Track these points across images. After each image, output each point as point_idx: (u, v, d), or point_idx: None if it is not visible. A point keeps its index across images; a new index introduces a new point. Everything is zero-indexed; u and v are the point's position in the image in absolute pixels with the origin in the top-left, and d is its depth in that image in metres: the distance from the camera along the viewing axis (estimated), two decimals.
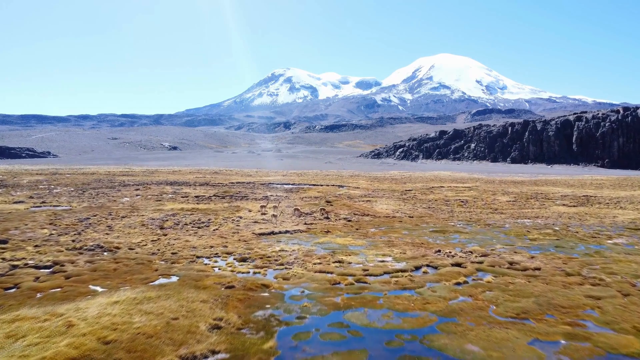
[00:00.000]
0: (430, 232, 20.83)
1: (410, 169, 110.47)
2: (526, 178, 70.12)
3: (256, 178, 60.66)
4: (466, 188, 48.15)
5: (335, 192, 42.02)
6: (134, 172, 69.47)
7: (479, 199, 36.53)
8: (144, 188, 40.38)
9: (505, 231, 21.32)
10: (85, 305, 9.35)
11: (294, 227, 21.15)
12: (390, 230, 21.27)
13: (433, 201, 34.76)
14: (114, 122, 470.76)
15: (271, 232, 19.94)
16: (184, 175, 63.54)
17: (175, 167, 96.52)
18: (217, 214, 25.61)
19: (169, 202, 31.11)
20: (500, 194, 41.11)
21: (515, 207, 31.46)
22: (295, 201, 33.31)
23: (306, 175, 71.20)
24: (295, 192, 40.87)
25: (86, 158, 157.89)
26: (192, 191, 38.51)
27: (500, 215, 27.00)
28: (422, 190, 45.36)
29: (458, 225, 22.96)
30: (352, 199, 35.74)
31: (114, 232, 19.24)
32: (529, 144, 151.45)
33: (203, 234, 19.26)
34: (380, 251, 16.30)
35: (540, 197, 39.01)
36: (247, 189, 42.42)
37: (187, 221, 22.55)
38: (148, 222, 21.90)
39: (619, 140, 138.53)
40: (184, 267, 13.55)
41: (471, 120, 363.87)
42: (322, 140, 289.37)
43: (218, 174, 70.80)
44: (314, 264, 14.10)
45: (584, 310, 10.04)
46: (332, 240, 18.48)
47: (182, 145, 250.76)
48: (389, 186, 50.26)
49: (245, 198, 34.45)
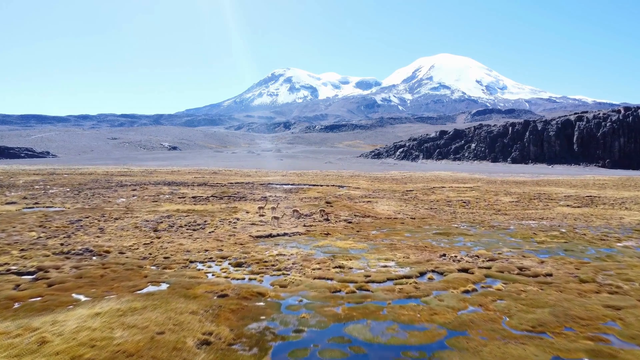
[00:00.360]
0: (434, 235, 20.09)
1: (411, 169, 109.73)
2: (528, 178, 69.39)
3: (255, 178, 59.92)
4: (468, 188, 47.41)
5: (336, 192, 41.28)
6: (132, 173, 68.73)
7: (482, 200, 35.79)
8: (141, 188, 39.62)
9: (511, 233, 20.57)
10: (64, 318, 8.60)
11: (293, 229, 20.41)
12: (392, 232, 20.52)
13: (435, 202, 34.01)
14: (114, 122, 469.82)
15: (269, 234, 19.18)
16: (182, 176, 62.80)
17: (175, 167, 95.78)
18: (213, 215, 24.86)
19: (166, 203, 30.36)
20: (502, 195, 40.36)
21: (518, 208, 30.72)
22: (294, 202, 32.56)
23: (306, 175, 70.48)
24: (294, 193, 40.12)
25: (85, 158, 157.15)
26: (189, 192, 37.75)
27: (504, 217, 26.25)
28: (424, 190, 44.62)
29: (462, 227, 22.21)
30: (352, 199, 35.00)
31: (105, 235, 18.48)
32: (529, 144, 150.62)
33: (198, 237, 18.48)
34: (383, 255, 15.54)
35: (544, 197, 38.26)
36: (245, 190, 41.68)
37: (182, 223, 21.77)
38: (142, 224, 21.15)
39: (620, 140, 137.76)
40: (175, 274, 12.79)
41: (471, 120, 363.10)
42: (322, 141, 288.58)
43: (217, 174, 70.05)
44: (313, 270, 13.36)
45: (604, 322, 9.29)
46: (332, 243, 17.73)
47: (181, 146, 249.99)
48: (389, 186, 49.52)
49: (243, 199, 33.70)
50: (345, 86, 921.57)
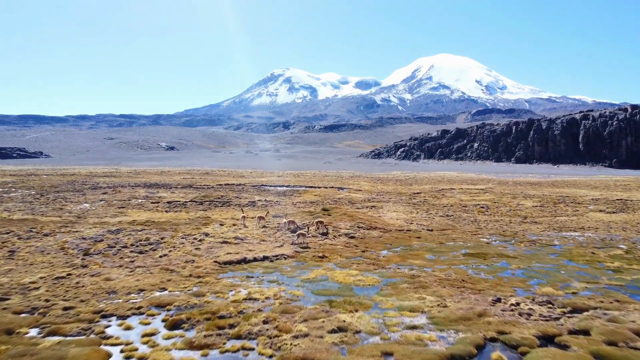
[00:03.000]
0: (465, 257, 15.45)
1: (413, 169, 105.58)
2: (540, 179, 65.22)
3: (249, 179, 55.77)
4: (480, 190, 43.32)
5: (335, 195, 37.13)
6: (118, 173, 64.58)
7: (501, 204, 31.69)
8: (114, 192, 35.30)
9: (562, 252, 16.17)
10: None
11: (277, 250, 15.80)
12: (408, 252, 16.09)
13: (449, 207, 29.85)
14: (113, 123, 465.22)
15: (243, 258, 14.28)
16: (171, 177, 58.65)
17: (167, 167, 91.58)
18: (177, 229, 19.81)
19: (132, 210, 25.94)
20: (521, 198, 36.27)
21: (546, 214, 26.64)
22: (287, 207, 28.38)
23: (303, 176, 66.33)
24: (288, 196, 35.95)
25: (79, 158, 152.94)
26: (167, 195, 33.44)
27: (536, 226, 22.14)
28: (432, 193, 40.50)
29: (494, 243, 17.95)
30: (354, 204, 30.86)
31: (11, 262, 13.59)
32: (534, 143, 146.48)
33: (141, 265, 13.71)
34: (405, 299, 10.74)
35: (569, 201, 34.14)
36: (233, 192, 37.48)
37: (130, 241, 16.93)
38: (73, 244, 16.23)
39: (628, 139, 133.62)
40: (55, 350, 7.78)
41: (471, 120, 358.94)
42: (322, 140, 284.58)
43: (209, 174, 65.92)
44: (295, 337, 8.50)
45: None
46: (330, 274, 13.06)
47: (179, 146, 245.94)
48: (394, 188, 45.42)
49: (227, 204, 29.38)
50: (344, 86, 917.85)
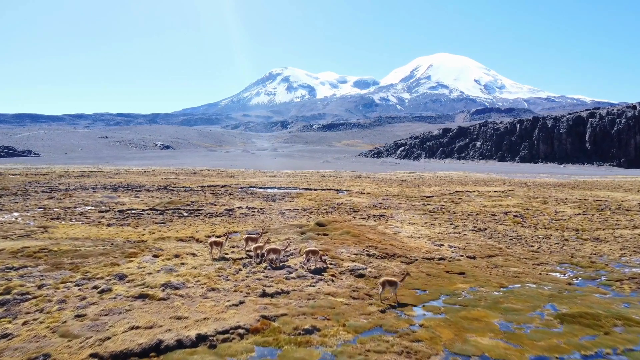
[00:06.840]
0: (561, 323, 9.00)
1: (415, 168, 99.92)
2: (558, 180, 59.57)
3: (238, 180, 50.05)
4: (500, 193, 37.75)
5: (333, 200, 31.35)
6: (96, 173, 58.75)
7: (535, 211, 26.08)
8: (65, 196, 29.24)
9: None
10: None
11: (230, 313, 8.86)
12: (460, 313, 9.48)
13: (475, 216, 24.18)
14: (110, 122, 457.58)
15: (155, 344, 7.35)
16: (151, 177, 52.88)
17: (155, 167, 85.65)
18: (79, 265, 12.28)
19: (65, 223, 19.82)
20: (553, 203, 30.69)
21: (600, 226, 21.06)
22: (272, 217, 22.62)
23: (299, 176, 60.60)
24: (278, 202, 30.17)
25: (70, 157, 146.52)
26: (128, 200, 27.48)
27: (604, 245, 16.55)
28: (447, 196, 34.88)
29: (577, 282, 12.01)
30: (357, 212, 25.22)
31: None
32: (539, 142, 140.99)
33: None
34: None
35: (613, 207, 28.57)
36: (212, 197, 31.63)
37: None
38: None
39: (636, 137, 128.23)
40: None
41: (470, 119, 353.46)
42: (320, 140, 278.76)
43: (196, 174, 60.19)
44: None
45: None
46: None
47: (175, 145, 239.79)
48: (400, 190, 39.80)
49: (195, 213, 23.34)
50: (343, 85, 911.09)
